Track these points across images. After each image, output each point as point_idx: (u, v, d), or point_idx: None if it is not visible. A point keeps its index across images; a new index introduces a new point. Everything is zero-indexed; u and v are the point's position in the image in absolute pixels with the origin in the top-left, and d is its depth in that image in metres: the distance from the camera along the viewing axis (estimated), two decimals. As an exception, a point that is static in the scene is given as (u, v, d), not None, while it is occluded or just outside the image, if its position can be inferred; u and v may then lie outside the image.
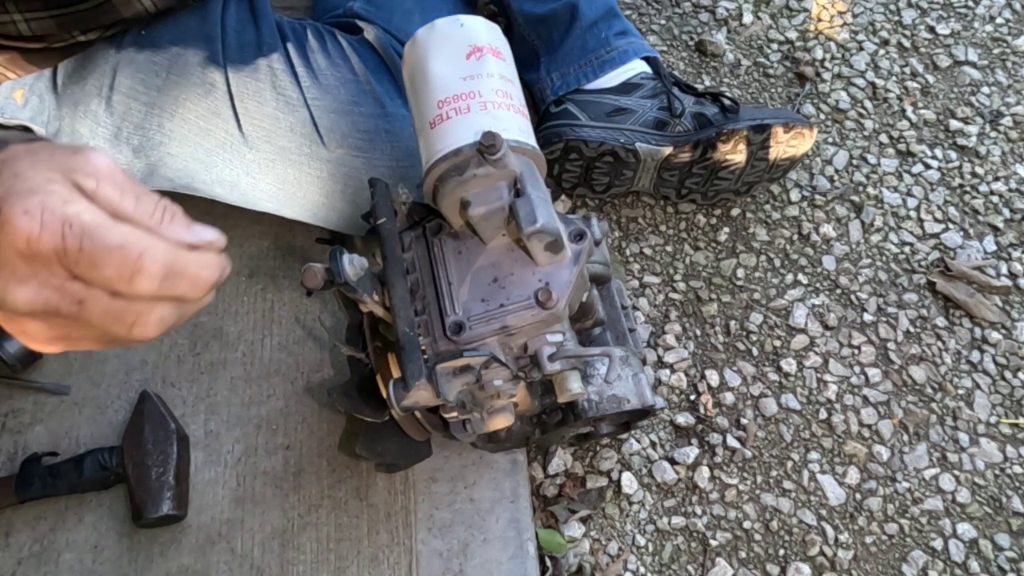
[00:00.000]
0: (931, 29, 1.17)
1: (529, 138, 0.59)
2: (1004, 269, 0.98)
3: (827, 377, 0.91)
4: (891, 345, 0.93)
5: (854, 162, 1.06)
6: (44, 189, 0.36)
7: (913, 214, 1.02)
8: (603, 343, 0.73)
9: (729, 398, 0.90)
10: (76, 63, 0.77)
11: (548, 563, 0.80)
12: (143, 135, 0.78)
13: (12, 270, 0.35)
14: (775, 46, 1.17)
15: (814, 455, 0.87)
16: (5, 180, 0.36)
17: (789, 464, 0.87)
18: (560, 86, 0.95)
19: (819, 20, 1.19)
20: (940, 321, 0.95)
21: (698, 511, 0.84)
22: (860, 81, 1.13)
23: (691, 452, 0.87)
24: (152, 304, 0.38)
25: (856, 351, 0.93)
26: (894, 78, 1.13)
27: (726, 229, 1.01)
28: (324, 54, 0.82)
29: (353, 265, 0.55)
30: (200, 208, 0.81)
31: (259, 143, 0.79)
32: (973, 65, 1.14)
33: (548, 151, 0.93)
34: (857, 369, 0.92)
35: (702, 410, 0.89)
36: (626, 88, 0.94)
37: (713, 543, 0.82)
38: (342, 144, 0.79)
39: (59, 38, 0.74)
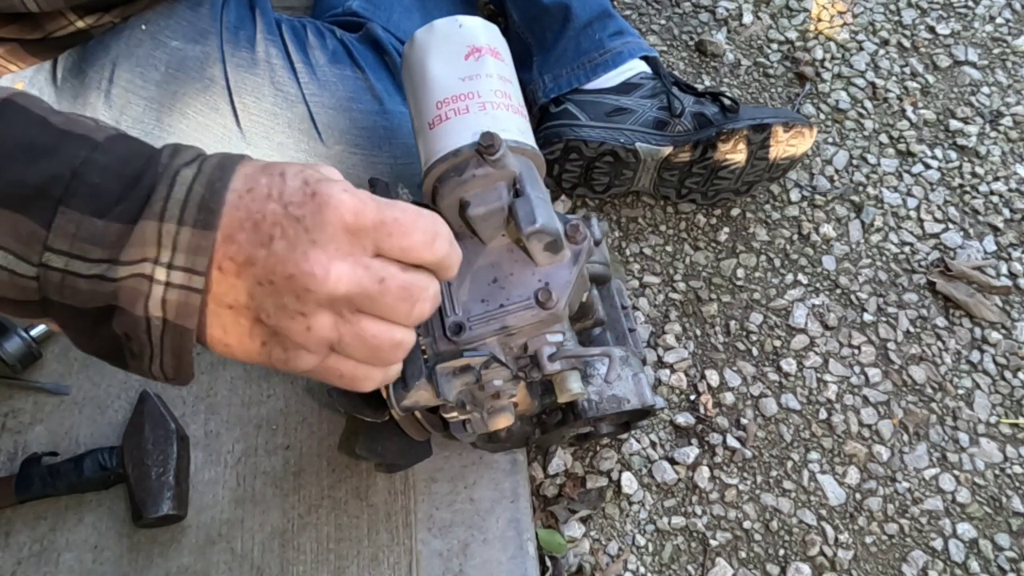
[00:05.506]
0: (931, 29, 1.17)
1: (528, 138, 0.59)
2: (1004, 269, 0.98)
3: (827, 377, 0.91)
4: (891, 345, 0.93)
5: (854, 162, 1.06)
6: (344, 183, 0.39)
7: (913, 214, 1.02)
8: (603, 343, 0.73)
9: (729, 398, 0.90)
10: (76, 56, 0.77)
11: (548, 563, 0.80)
12: (141, 129, 0.78)
13: (336, 247, 0.37)
14: (775, 46, 1.17)
15: (814, 455, 0.87)
16: (299, 172, 0.38)
17: (789, 464, 0.87)
18: (552, 88, 0.95)
19: (819, 20, 1.19)
20: (940, 321, 0.94)
21: (698, 511, 0.84)
22: (860, 81, 1.13)
23: (691, 452, 0.87)
24: (431, 278, 0.42)
25: (856, 351, 0.93)
26: (894, 78, 1.13)
27: (726, 229, 1.01)
28: (323, 51, 0.82)
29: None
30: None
31: (257, 139, 0.79)
32: (973, 65, 1.14)
33: (548, 151, 0.93)
34: (857, 369, 0.92)
35: (702, 410, 0.89)
36: (626, 88, 0.94)
37: (713, 543, 0.82)
38: (340, 141, 0.79)
39: (60, 25, 0.73)
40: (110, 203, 0.36)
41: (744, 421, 0.89)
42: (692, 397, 0.90)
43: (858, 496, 0.85)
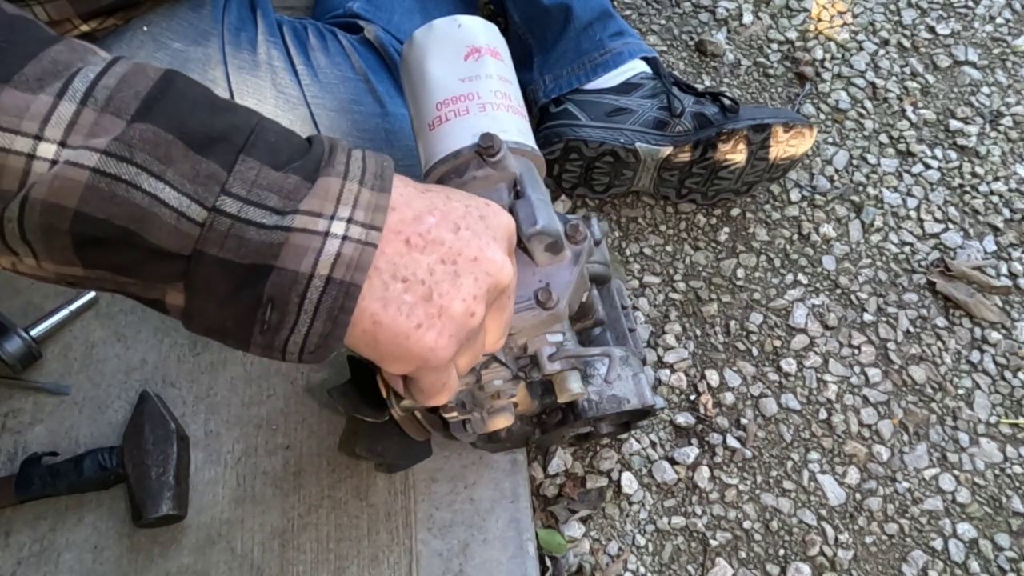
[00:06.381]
0: (931, 29, 1.17)
1: (528, 139, 0.59)
2: (1004, 269, 0.98)
3: (827, 377, 0.91)
4: (891, 345, 0.93)
5: (854, 162, 1.06)
6: None
7: (913, 214, 1.02)
8: (603, 343, 0.73)
9: (729, 398, 0.90)
10: None
11: (548, 563, 0.80)
12: None
13: (506, 247, 0.44)
14: (775, 46, 1.17)
15: (814, 455, 0.87)
16: (460, 196, 0.44)
17: (789, 464, 0.87)
18: (552, 88, 0.95)
19: (819, 20, 1.19)
20: (940, 321, 0.95)
21: (698, 511, 0.84)
22: (860, 81, 1.13)
23: (691, 452, 0.87)
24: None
25: (856, 351, 0.93)
26: (894, 78, 1.13)
27: (726, 229, 1.01)
28: (324, 53, 0.82)
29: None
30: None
31: None
32: (973, 65, 1.14)
33: (548, 151, 0.93)
34: (857, 369, 0.92)
35: (702, 410, 0.89)
36: (626, 88, 0.94)
37: (713, 543, 0.82)
38: None
39: (64, 30, 0.73)
40: (285, 160, 0.38)
41: (744, 421, 0.89)
42: (692, 397, 0.90)
43: (858, 496, 0.85)
